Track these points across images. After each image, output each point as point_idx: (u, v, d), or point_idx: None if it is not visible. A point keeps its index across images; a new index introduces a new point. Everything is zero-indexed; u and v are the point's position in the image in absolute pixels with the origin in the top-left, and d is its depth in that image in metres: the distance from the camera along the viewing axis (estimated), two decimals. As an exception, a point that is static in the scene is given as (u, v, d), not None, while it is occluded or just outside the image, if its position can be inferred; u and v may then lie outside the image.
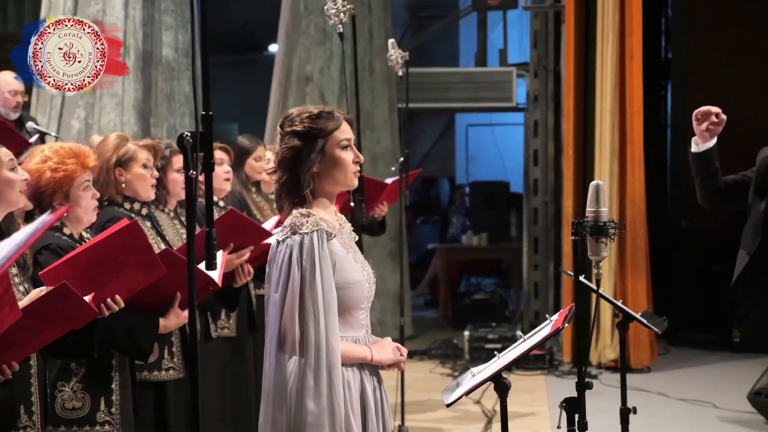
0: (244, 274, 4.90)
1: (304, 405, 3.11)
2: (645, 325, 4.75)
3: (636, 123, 8.82)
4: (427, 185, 17.94)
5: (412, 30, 17.65)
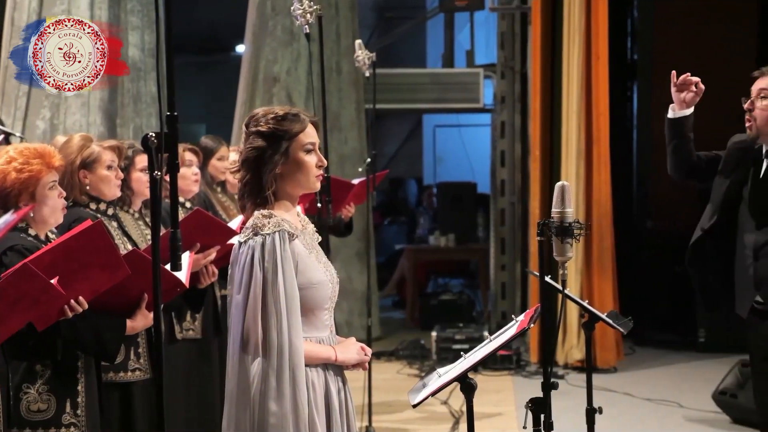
0: (208, 275, 4.89)
1: (266, 406, 3.11)
2: (610, 325, 4.77)
3: (602, 124, 8.86)
4: (395, 186, 17.96)
5: (380, 31, 17.67)
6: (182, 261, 4.27)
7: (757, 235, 4.54)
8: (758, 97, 4.53)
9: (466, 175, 14.55)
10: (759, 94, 4.54)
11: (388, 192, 17.81)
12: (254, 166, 3.26)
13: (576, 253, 8.66)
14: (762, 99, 4.51)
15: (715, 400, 7.24)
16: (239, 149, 3.35)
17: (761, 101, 4.51)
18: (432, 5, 15.31)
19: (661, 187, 11.47)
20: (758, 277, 4.54)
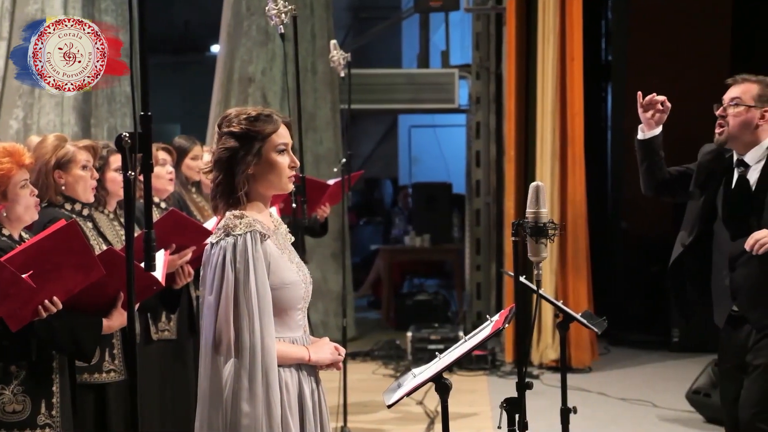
0: (184, 276, 4.88)
1: (239, 407, 3.10)
2: (585, 325, 4.79)
3: (576, 124, 8.89)
4: (370, 186, 17.97)
5: (355, 31, 17.67)
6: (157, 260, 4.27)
7: (732, 246, 4.56)
8: (730, 105, 4.56)
9: (441, 176, 14.57)
10: (731, 102, 4.56)
11: (363, 192, 17.82)
12: (227, 166, 3.25)
13: (551, 254, 8.70)
14: (734, 107, 4.54)
15: (689, 400, 7.28)
16: (212, 150, 3.34)
17: (733, 109, 4.54)
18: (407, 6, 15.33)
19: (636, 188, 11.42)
20: (734, 287, 4.56)
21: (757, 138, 4.54)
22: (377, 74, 11.74)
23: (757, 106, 4.52)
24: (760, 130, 4.53)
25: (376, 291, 13.16)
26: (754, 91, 4.54)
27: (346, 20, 17.99)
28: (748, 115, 4.52)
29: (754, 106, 4.52)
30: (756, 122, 4.52)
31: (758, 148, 4.54)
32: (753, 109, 4.52)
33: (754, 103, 4.52)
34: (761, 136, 4.54)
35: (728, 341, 4.64)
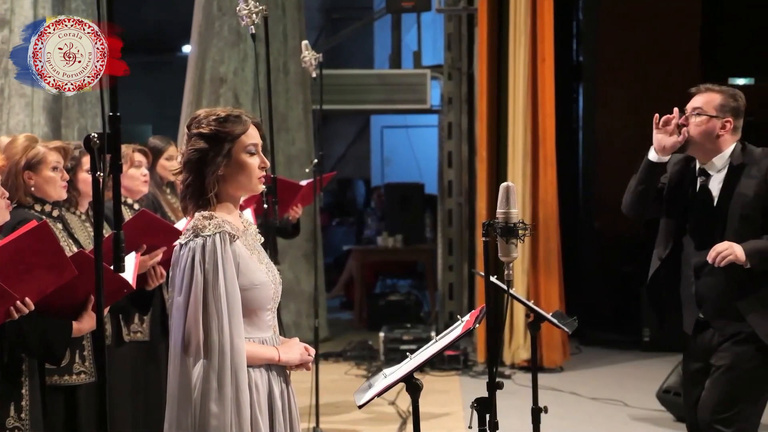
0: (156, 277, 4.86)
1: (207, 408, 3.10)
2: (555, 325, 4.81)
3: (548, 125, 8.92)
4: (343, 187, 17.97)
5: (327, 32, 17.66)
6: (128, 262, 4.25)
7: (697, 256, 4.59)
8: (692, 114, 4.58)
9: (413, 176, 14.59)
10: (693, 112, 4.59)
11: (336, 193, 17.82)
12: (196, 167, 3.25)
13: (522, 254, 8.72)
14: (696, 116, 4.57)
15: (659, 399, 7.32)
16: (181, 151, 3.34)
17: (695, 118, 4.57)
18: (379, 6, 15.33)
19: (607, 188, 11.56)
20: (699, 296, 4.60)
21: (718, 147, 4.56)
22: (349, 75, 11.75)
23: (719, 116, 4.53)
24: (721, 140, 4.56)
25: (349, 292, 13.16)
26: (716, 102, 4.55)
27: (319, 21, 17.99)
28: (709, 125, 4.54)
29: (715, 116, 4.54)
30: (717, 132, 4.54)
31: (720, 158, 4.56)
32: (714, 119, 4.54)
33: (715, 113, 4.54)
34: (722, 146, 4.56)
35: (694, 344, 4.68)
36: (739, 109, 4.58)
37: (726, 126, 4.54)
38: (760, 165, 4.50)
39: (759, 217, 4.46)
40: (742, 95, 4.65)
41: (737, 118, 4.57)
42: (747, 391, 4.46)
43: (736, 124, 4.56)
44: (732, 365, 4.47)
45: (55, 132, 8.45)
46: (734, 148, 4.57)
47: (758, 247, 4.38)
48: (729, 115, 4.54)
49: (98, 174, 2.64)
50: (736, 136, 4.60)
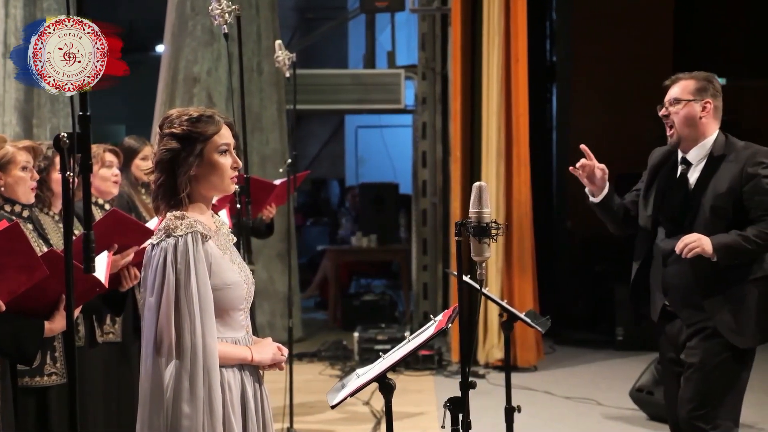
0: (130, 278, 4.83)
1: (179, 408, 3.09)
2: (528, 324, 4.83)
3: (522, 125, 8.94)
4: (317, 187, 17.96)
5: (301, 31, 17.65)
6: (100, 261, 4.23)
7: (666, 243, 4.63)
8: (671, 104, 4.62)
9: (387, 176, 14.60)
10: (671, 102, 4.62)
11: (310, 193, 17.80)
12: (168, 167, 3.24)
13: (496, 254, 8.74)
14: (674, 105, 4.60)
15: (632, 398, 7.34)
16: (153, 151, 3.32)
17: (674, 106, 4.60)
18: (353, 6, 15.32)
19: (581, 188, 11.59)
20: (666, 283, 4.64)
21: (703, 132, 4.59)
22: (323, 74, 11.73)
23: (697, 99, 4.57)
24: (704, 123, 4.58)
25: (323, 292, 13.15)
26: (691, 87, 4.59)
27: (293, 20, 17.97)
28: (690, 110, 4.57)
29: (693, 99, 4.57)
30: (699, 115, 4.57)
31: (702, 147, 4.59)
32: (693, 102, 4.57)
33: (693, 97, 4.58)
34: (706, 131, 4.59)
35: (664, 334, 4.72)
36: (716, 89, 4.62)
37: (706, 107, 4.57)
38: (738, 158, 4.52)
39: (730, 211, 4.48)
40: (715, 76, 4.69)
41: (716, 98, 4.61)
42: (721, 387, 4.49)
43: (716, 104, 4.60)
44: (702, 363, 4.50)
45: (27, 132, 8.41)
46: (717, 138, 4.59)
47: (726, 242, 4.41)
48: (707, 96, 4.58)
49: (68, 174, 2.63)
50: (718, 119, 4.64)
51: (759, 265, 4.49)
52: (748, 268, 4.48)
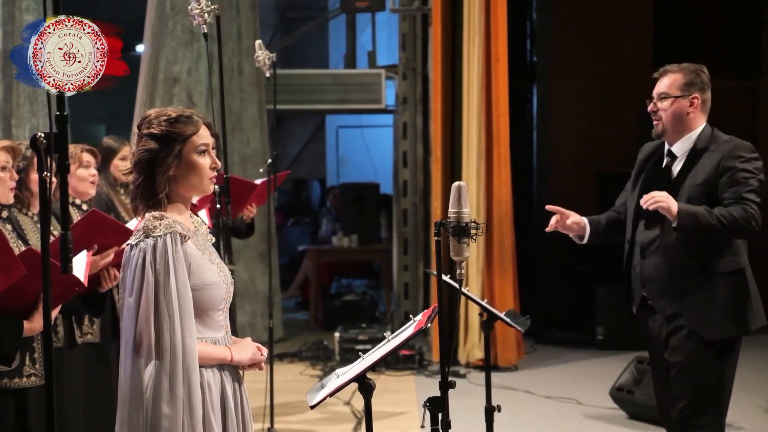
0: (109, 279, 4.81)
1: (159, 409, 3.09)
2: (508, 324, 4.83)
3: (502, 125, 8.94)
4: (298, 187, 17.94)
5: (282, 31, 17.63)
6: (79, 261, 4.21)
7: (645, 234, 4.66)
8: (659, 99, 4.64)
9: (368, 176, 14.60)
10: (659, 97, 4.64)
11: (291, 193, 17.78)
12: (147, 168, 3.23)
13: (477, 253, 8.75)
14: (662, 100, 4.62)
15: (612, 397, 7.36)
16: (132, 151, 3.31)
17: (662, 102, 4.62)
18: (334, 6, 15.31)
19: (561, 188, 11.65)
20: (644, 275, 4.68)
21: (689, 126, 4.62)
22: (304, 74, 11.73)
23: (685, 95, 4.59)
24: (691, 118, 4.61)
25: (304, 292, 13.14)
26: (679, 81, 4.61)
27: (273, 20, 17.94)
28: (678, 106, 4.60)
29: (681, 95, 4.59)
30: (686, 110, 4.60)
31: (686, 140, 4.62)
32: (680, 98, 4.59)
33: (681, 93, 4.60)
34: (693, 125, 4.62)
35: (648, 331, 4.75)
36: (704, 82, 4.64)
37: (694, 102, 4.60)
38: (718, 151, 4.53)
39: (704, 202, 4.48)
40: (704, 68, 4.71)
41: (704, 92, 4.63)
42: (707, 384, 4.51)
43: (703, 98, 4.63)
44: (687, 363, 4.52)
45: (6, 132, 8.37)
46: (702, 131, 4.62)
47: (692, 210, 4.40)
48: (695, 91, 4.60)
49: (45, 174, 2.62)
50: (705, 111, 4.66)
51: (730, 258, 4.49)
52: (719, 261, 4.48)
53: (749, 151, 4.53)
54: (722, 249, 4.50)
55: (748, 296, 4.52)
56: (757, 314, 4.55)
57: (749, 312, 4.51)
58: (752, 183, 4.46)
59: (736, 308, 4.50)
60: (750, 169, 4.48)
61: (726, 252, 4.50)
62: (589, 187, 11.17)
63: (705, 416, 4.50)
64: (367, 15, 12.68)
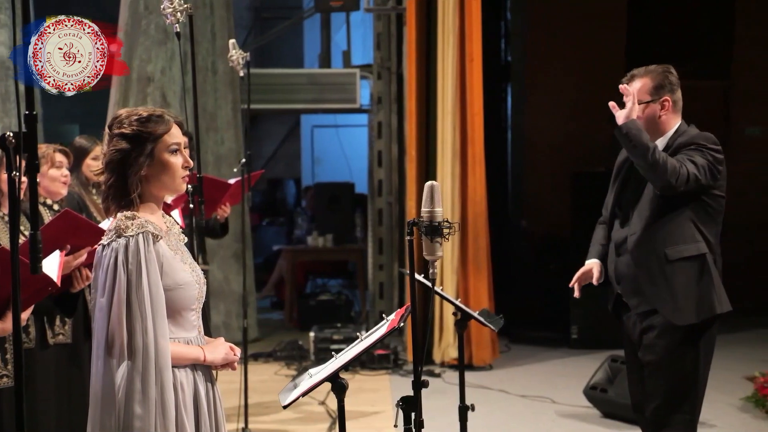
0: (81, 279, 4.78)
1: (131, 409, 3.07)
2: (482, 323, 4.84)
3: (477, 124, 8.95)
4: (273, 187, 17.91)
5: (256, 31, 17.60)
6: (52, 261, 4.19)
7: (619, 232, 4.69)
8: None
9: (343, 176, 14.59)
10: None
11: (266, 193, 17.75)
12: (119, 168, 3.22)
13: (452, 252, 8.76)
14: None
15: (586, 395, 7.39)
16: (103, 152, 3.30)
17: None
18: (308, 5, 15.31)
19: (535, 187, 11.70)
20: (618, 273, 4.70)
21: (664, 128, 4.60)
22: (279, 74, 11.72)
23: (655, 99, 4.58)
24: (664, 120, 4.60)
25: (279, 292, 13.12)
26: (648, 85, 4.59)
27: (248, 20, 17.91)
28: (649, 111, 4.58)
29: (652, 100, 4.58)
30: (659, 113, 4.58)
31: (662, 139, 4.60)
32: (651, 103, 4.58)
33: (651, 97, 4.58)
34: (666, 126, 4.61)
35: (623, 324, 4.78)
36: (672, 83, 4.61)
37: (665, 105, 4.58)
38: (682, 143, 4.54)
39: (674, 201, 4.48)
40: (671, 67, 4.67)
41: (674, 93, 4.61)
42: (680, 383, 4.52)
43: (674, 99, 4.61)
44: (660, 362, 4.54)
45: (-22, 131, 8.30)
46: (678, 128, 4.60)
47: (641, 128, 4.39)
48: (665, 93, 4.58)
49: (14, 174, 2.60)
50: (678, 110, 4.64)
51: (688, 245, 4.49)
52: (684, 247, 4.49)
53: (711, 141, 4.51)
54: (678, 236, 4.50)
55: (711, 281, 4.50)
56: (722, 299, 4.53)
57: (713, 296, 4.50)
58: (699, 159, 4.43)
59: (699, 292, 4.49)
60: (704, 150, 4.46)
61: (682, 239, 4.49)
62: (564, 187, 11.22)
63: (678, 414, 4.52)
64: (341, 14, 12.68)
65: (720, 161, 4.49)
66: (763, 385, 7.34)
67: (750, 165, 11.73)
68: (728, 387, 7.93)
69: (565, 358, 9.54)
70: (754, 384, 7.61)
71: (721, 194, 4.56)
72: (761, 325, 10.95)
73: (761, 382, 7.42)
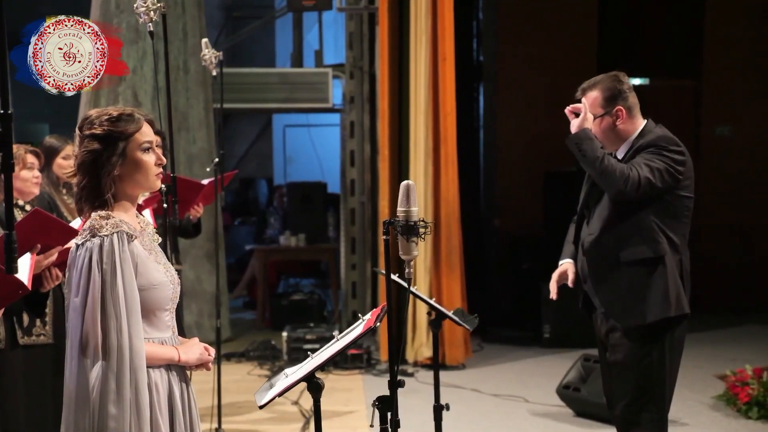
0: (51, 279, 4.76)
1: (106, 410, 3.06)
2: (456, 322, 4.84)
3: (449, 124, 8.97)
4: (245, 186, 17.86)
5: (228, 30, 17.55)
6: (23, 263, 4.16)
7: (584, 231, 4.71)
8: None
9: (315, 175, 14.56)
10: None
11: (238, 192, 17.70)
12: (91, 169, 3.20)
13: (425, 252, 8.77)
14: None
15: (559, 394, 7.42)
16: (74, 153, 3.28)
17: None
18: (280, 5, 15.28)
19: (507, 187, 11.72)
20: (584, 272, 4.72)
21: (624, 135, 4.58)
22: (251, 73, 11.69)
23: (608, 111, 4.55)
24: (621, 129, 4.57)
25: (252, 291, 13.09)
26: (599, 99, 4.56)
27: (219, 19, 17.86)
28: (604, 123, 4.56)
29: (605, 113, 4.56)
30: (614, 124, 4.56)
31: (627, 143, 4.60)
32: (605, 116, 4.57)
33: (604, 110, 4.55)
34: (626, 134, 4.58)
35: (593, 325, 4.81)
36: (623, 91, 4.56)
37: (619, 114, 4.55)
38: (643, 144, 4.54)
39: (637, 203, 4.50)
40: (620, 74, 4.62)
41: (627, 99, 4.56)
42: (648, 382, 4.54)
43: (628, 105, 4.57)
44: (626, 361, 4.56)
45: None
46: (642, 129, 4.58)
47: (591, 137, 4.42)
48: (618, 103, 4.54)
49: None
50: (635, 114, 4.60)
51: (641, 248, 4.49)
52: (640, 248, 4.49)
53: (671, 143, 4.48)
54: (636, 237, 4.49)
55: (665, 283, 4.47)
56: (680, 301, 4.49)
57: (669, 297, 4.46)
58: (656, 163, 4.42)
59: (649, 294, 4.47)
60: (663, 153, 4.44)
61: (640, 240, 4.49)
62: (536, 186, 11.25)
63: (647, 413, 4.54)
64: (313, 14, 12.67)
65: (680, 162, 4.45)
66: (734, 384, 7.39)
67: (719, 163, 11.81)
68: (700, 385, 7.98)
69: (537, 357, 9.57)
70: (726, 382, 7.66)
71: (687, 194, 4.52)
72: (733, 323, 11.03)
73: (732, 381, 7.47)
